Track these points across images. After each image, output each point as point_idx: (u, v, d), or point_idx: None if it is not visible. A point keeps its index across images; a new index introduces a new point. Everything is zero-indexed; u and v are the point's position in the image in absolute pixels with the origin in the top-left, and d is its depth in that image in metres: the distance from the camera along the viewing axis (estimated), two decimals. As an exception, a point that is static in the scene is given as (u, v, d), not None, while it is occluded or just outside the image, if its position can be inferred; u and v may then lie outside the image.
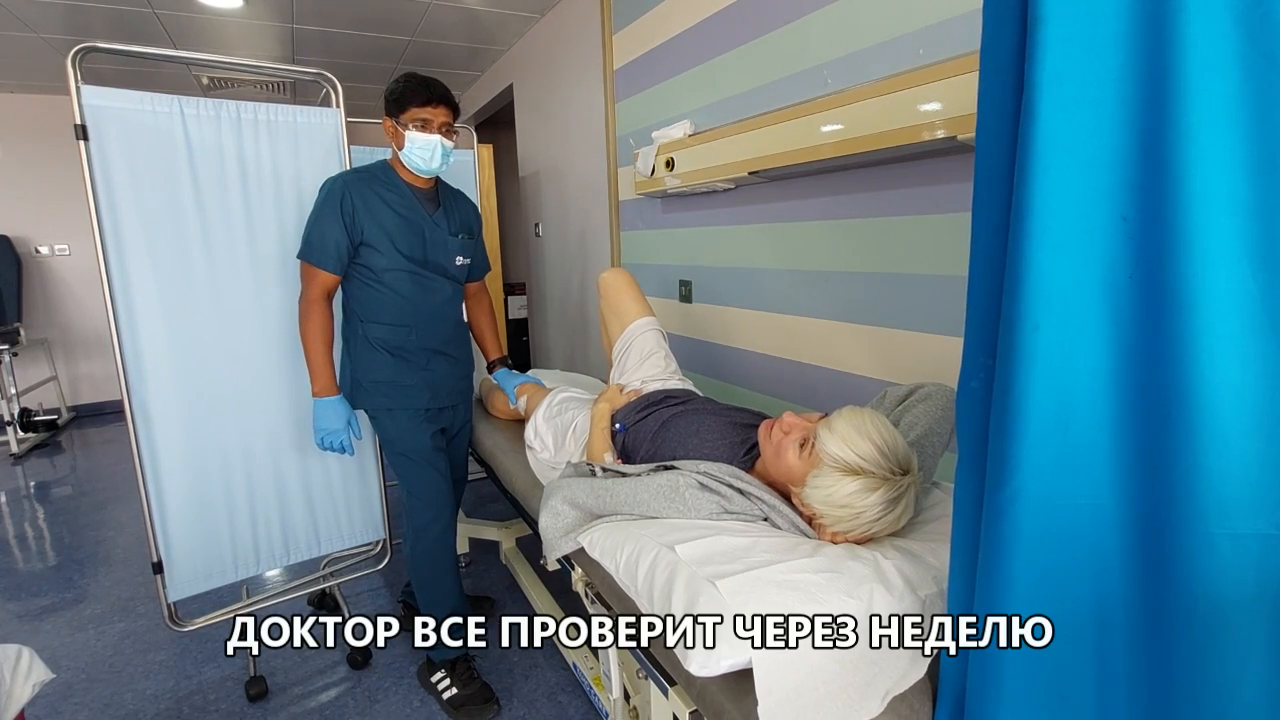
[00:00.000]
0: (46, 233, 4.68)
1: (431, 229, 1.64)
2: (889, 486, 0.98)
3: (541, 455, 1.65)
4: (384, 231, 1.56)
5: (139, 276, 1.56)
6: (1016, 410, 0.62)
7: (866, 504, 0.98)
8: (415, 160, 1.56)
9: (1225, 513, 0.59)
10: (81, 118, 1.46)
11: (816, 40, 1.63)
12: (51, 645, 2.00)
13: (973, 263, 0.69)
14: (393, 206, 1.57)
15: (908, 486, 1.00)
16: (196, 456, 1.68)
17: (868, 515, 0.98)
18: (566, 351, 3.59)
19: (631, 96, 2.50)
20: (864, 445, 0.99)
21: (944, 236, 1.39)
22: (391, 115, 1.56)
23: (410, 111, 1.52)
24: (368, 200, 1.54)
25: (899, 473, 1.00)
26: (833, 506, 1.00)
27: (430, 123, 1.53)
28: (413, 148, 1.54)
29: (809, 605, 0.83)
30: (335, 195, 1.52)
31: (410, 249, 1.60)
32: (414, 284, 1.62)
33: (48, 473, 3.75)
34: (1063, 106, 0.58)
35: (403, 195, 1.60)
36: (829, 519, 1.01)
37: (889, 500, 0.98)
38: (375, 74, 4.12)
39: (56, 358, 4.76)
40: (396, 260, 1.58)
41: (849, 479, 0.99)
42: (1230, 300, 0.58)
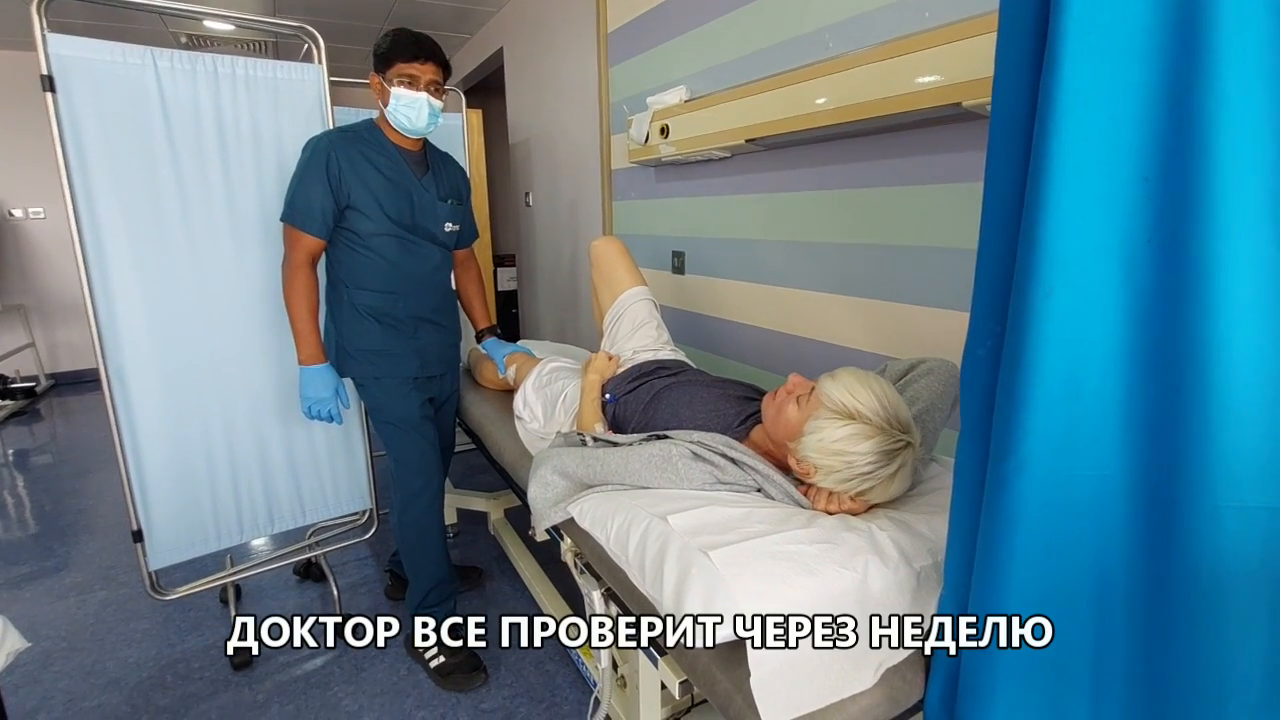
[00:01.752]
0: (21, 195, 4.53)
1: (420, 193, 1.58)
2: (884, 437, 0.97)
3: (531, 425, 1.63)
4: (371, 194, 1.50)
5: (111, 236, 1.50)
6: (1026, 378, 0.60)
7: (859, 451, 0.97)
8: (401, 119, 1.50)
9: (1233, 484, 0.58)
10: (48, 68, 1.39)
11: (818, 2, 1.58)
12: (31, 614, 1.97)
13: (984, 225, 0.66)
14: (380, 169, 1.52)
15: (904, 447, 0.98)
16: (176, 424, 1.64)
17: (859, 465, 0.97)
18: (556, 323, 3.55)
19: (625, 61, 2.43)
20: (864, 393, 0.99)
21: (946, 207, 1.36)
22: (379, 71, 1.49)
23: (397, 67, 1.46)
24: (354, 161, 1.49)
25: (896, 428, 0.98)
26: (825, 454, 0.99)
27: (417, 79, 1.47)
28: (398, 105, 1.48)
29: (803, 576, 0.82)
30: (320, 155, 1.46)
31: (398, 213, 1.54)
32: (401, 249, 1.57)
33: (26, 440, 3.68)
34: (1087, 56, 0.55)
35: (390, 157, 1.54)
36: (821, 470, 1.00)
37: (883, 453, 0.97)
38: (360, 34, 3.99)
39: (34, 324, 4.66)
40: (384, 225, 1.53)
41: (844, 423, 0.98)
42: (1249, 269, 0.55)
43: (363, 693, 1.63)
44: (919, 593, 0.88)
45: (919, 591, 0.88)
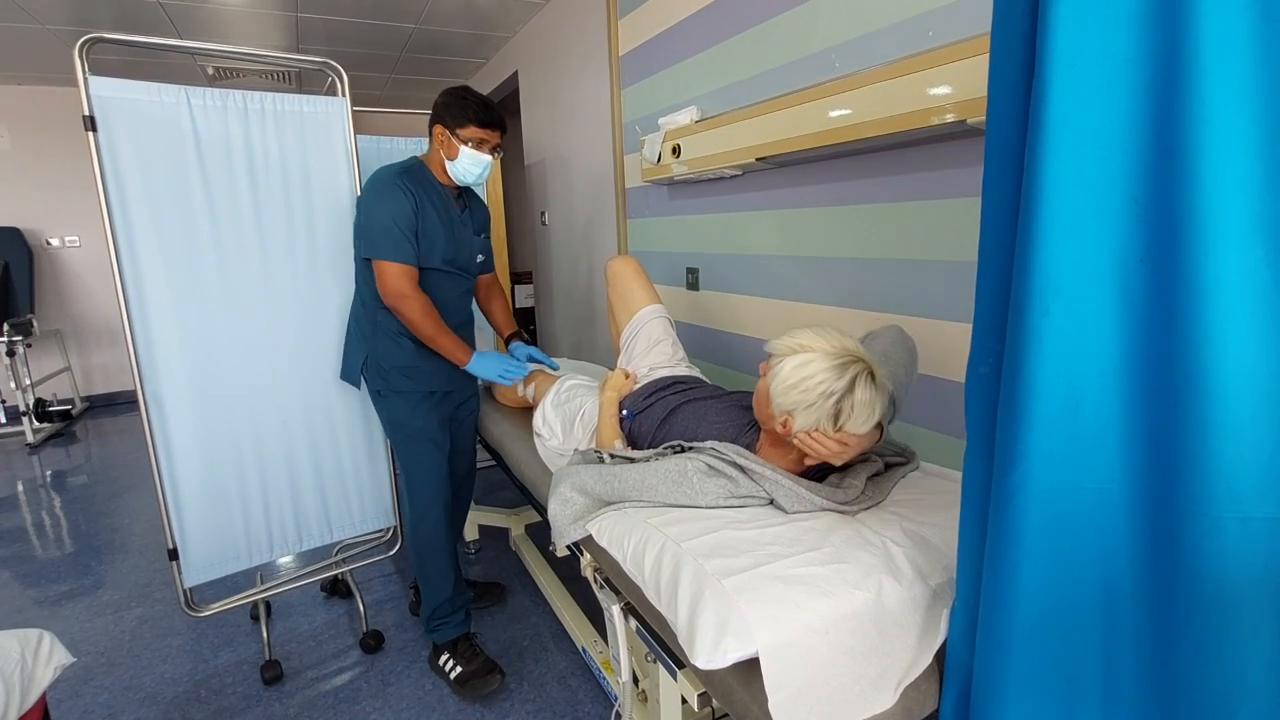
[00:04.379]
0: (57, 225, 4.71)
1: (461, 229, 1.69)
2: (831, 357, 1.05)
3: (550, 443, 1.66)
4: (430, 234, 1.61)
5: (149, 267, 1.57)
6: (1025, 395, 0.62)
7: (811, 372, 1.04)
8: (463, 174, 1.62)
9: (1234, 496, 0.59)
10: (90, 109, 1.47)
11: (824, 23, 1.61)
12: (71, 630, 2.04)
13: (982, 247, 0.69)
14: (437, 209, 1.63)
15: (854, 361, 1.05)
16: (209, 444, 1.70)
17: (815, 386, 1.04)
18: (574, 340, 3.59)
19: (637, 82, 2.49)
20: (803, 332, 1.11)
21: (953, 222, 1.38)
22: (446, 125, 1.58)
23: (470, 129, 1.57)
24: (420, 202, 1.59)
25: (840, 353, 1.06)
26: (787, 390, 1.06)
27: (486, 143, 1.60)
28: (466, 163, 1.60)
29: (816, 599, 0.83)
30: (395, 189, 1.55)
31: (447, 250, 1.65)
32: (443, 279, 1.68)
33: (63, 462, 3.80)
34: (1074, 87, 0.57)
35: (442, 198, 1.66)
36: (793, 413, 1.06)
37: (834, 368, 1.04)
38: (379, 62, 4.10)
39: (69, 349, 4.81)
40: (434, 260, 1.63)
41: (791, 358, 1.08)
42: (1242, 284, 0.57)
43: (390, 707, 1.66)
44: (934, 608, 0.89)
45: (934, 607, 0.89)
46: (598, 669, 1.62)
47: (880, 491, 1.14)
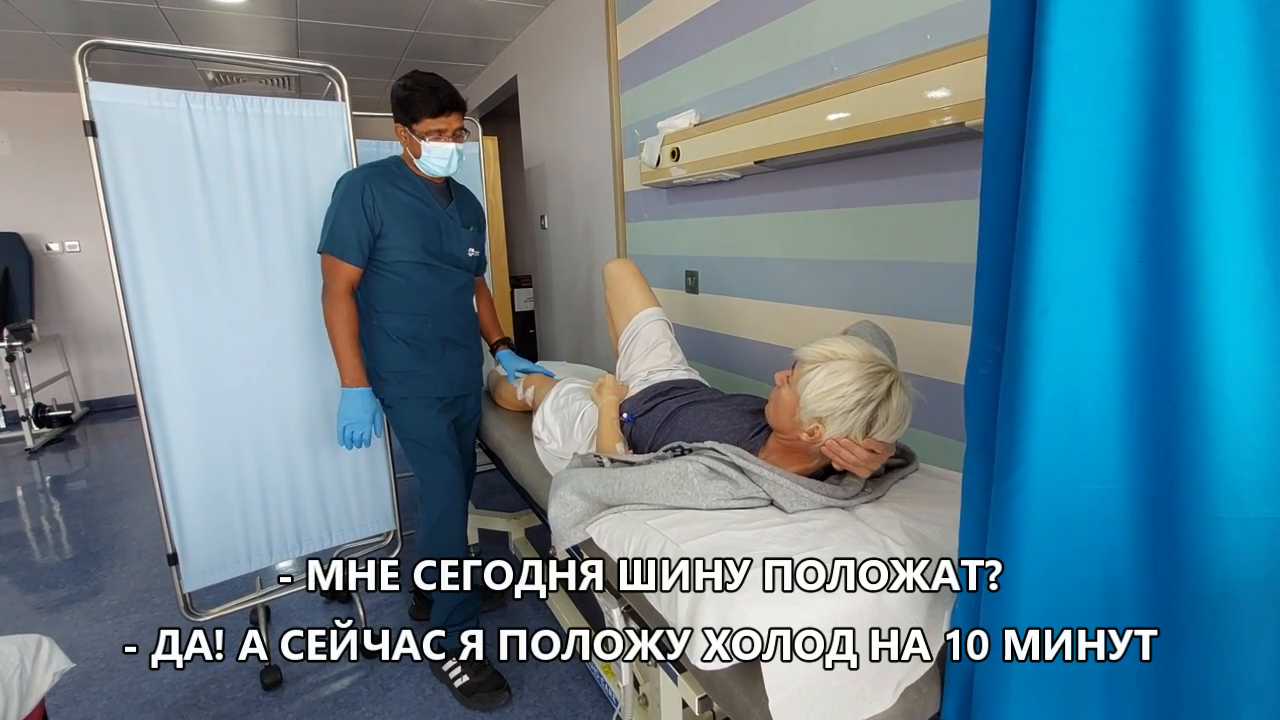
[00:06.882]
0: (57, 230, 4.71)
1: (446, 221, 1.67)
2: (864, 365, 1.06)
3: (549, 446, 1.66)
4: (402, 224, 1.58)
5: (149, 272, 1.57)
6: (1025, 396, 0.62)
7: (846, 381, 1.05)
8: (433, 168, 1.60)
9: (1234, 497, 0.59)
10: (90, 114, 1.47)
11: (822, 27, 1.62)
12: (70, 636, 2.04)
13: (981, 249, 0.69)
14: (409, 201, 1.61)
15: (885, 372, 1.06)
16: (209, 449, 1.70)
17: (851, 394, 1.04)
18: (573, 343, 3.60)
19: (636, 86, 2.49)
20: (835, 340, 1.11)
21: (952, 224, 1.38)
22: (404, 123, 1.57)
23: (424, 123, 1.54)
24: (386, 194, 1.57)
25: (873, 360, 1.07)
26: (820, 398, 1.06)
27: (444, 132, 1.56)
28: (430, 157, 1.58)
29: (817, 599, 0.83)
30: (355, 189, 1.54)
31: (427, 241, 1.63)
32: (430, 275, 1.65)
33: (62, 467, 3.80)
34: (1071, 89, 0.57)
35: (418, 190, 1.63)
36: (824, 421, 1.06)
37: (868, 375, 1.04)
38: (379, 67, 4.12)
39: (69, 354, 4.81)
40: (415, 253, 1.61)
41: (825, 365, 1.08)
42: (1241, 284, 0.57)
43: (389, 712, 1.66)
44: (935, 608, 0.89)
45: (935, 606, 0.89)
46: (598, 673, 1.62)
47: (880, 489, 1.15)
